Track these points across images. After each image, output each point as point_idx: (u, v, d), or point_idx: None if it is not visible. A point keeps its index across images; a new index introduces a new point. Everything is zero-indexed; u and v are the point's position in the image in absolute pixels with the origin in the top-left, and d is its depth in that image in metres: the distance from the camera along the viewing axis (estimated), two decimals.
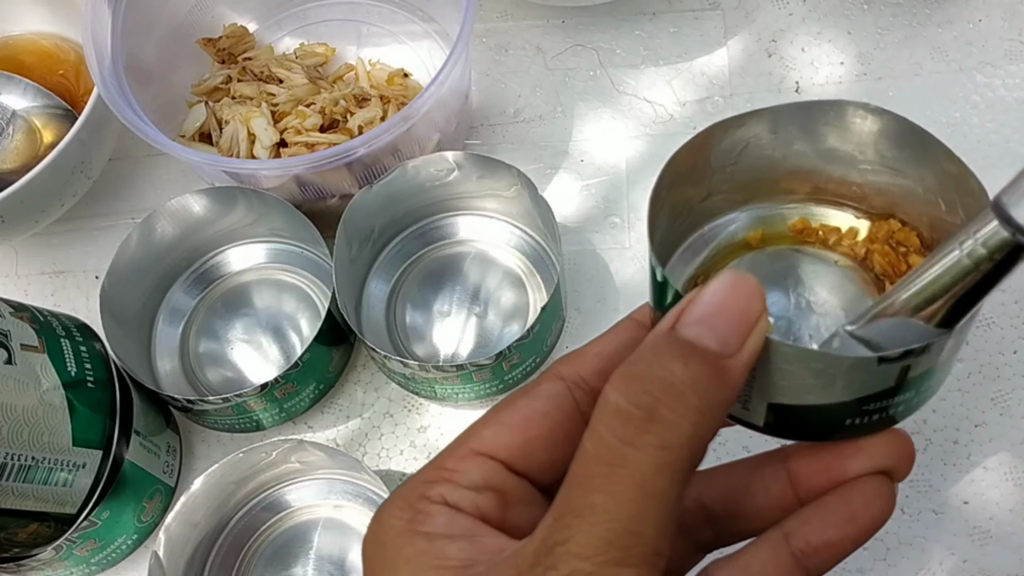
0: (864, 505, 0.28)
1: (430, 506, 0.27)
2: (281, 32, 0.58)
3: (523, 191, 0.47)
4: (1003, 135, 0.52)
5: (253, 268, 0.52)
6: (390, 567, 0.26)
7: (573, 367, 0.29)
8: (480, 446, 0.28)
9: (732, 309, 0.24)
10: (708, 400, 0.24)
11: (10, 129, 0.54)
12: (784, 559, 0.28)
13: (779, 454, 0.30)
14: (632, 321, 0.30)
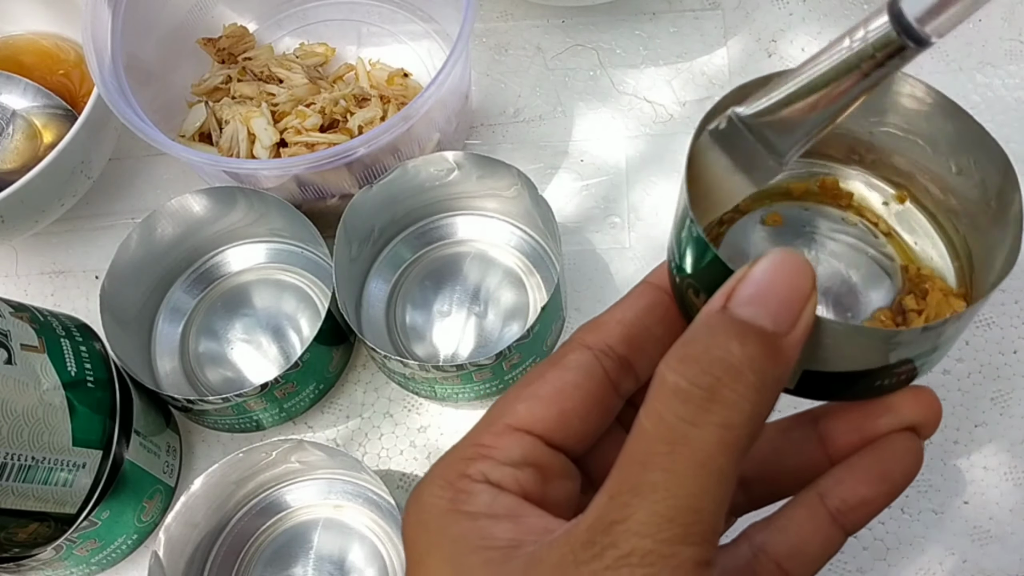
0: (896, 461, 0.28)
1: (472, 484, 0.26)
2: (281, 32, 0.58)
3: (523, 191, 0.47)
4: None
5: (253, 268, 0.52)
6: (435, 548, 0.26)
7: (598, 335, 0.29)
8: (516, 421, 0.27)
9: (783, 288, 0.25)
10: (765, 378, 0.24)
11: (10, 129, 0.54)
12: (822, 519, 0.28)
13: (808, 415, 0.30)
14: (649, 285, 0.30)
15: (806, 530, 0.28)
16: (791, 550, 0.28)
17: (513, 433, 0.27)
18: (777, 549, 0.28)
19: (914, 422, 0.28)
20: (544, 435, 0.28)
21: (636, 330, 0.29)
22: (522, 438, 0.27)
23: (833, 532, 0.28)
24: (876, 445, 0.28)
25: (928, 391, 0.29)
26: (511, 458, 0.27)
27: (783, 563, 0.28)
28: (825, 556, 0.29)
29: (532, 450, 0.27)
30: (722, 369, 0.24)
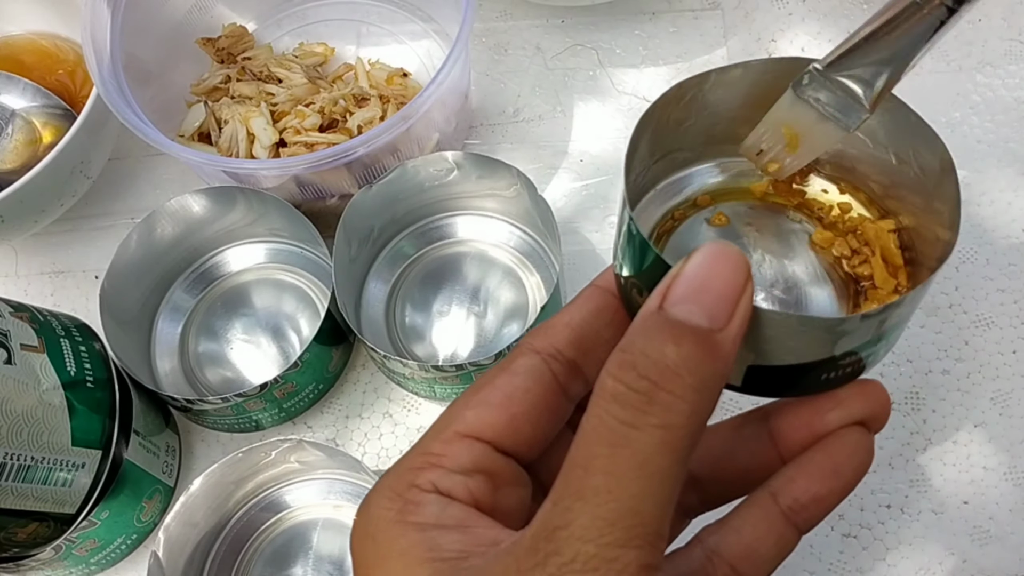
0: (846, 457, 0.28)
1: (420, 495, 0.26)
2: (280, 32, 0.58)
3: (522, 191, 0.47)
4: (1003, 135, 0.52)
5: (253, 268, 0.52)
6: (383, 561, 0.25)
7: (546, 339, 0.29)
8: (465, 428, 0.27)
9: (718, 283, 0.24)
10: (704, 377, 0.24)
11: (9, 129, 0.54)
12: (775, 518, 0.28)
13: (758, 413, 0.30)
14: (596, 288, 0.30)
15: (760, 530, 0.28)
16: (745, 551, 0.28)
17: (462, 440, 0.27)
18: (731, 551, 0.28)
19: (863, 416, 0.28)
20: (494, 441, 0.27)
21: (584, 333, 0.29)
22: (472, 445, 0.27)
23: (787, 531, 0.28)
24: (826, 442, 0.28)
25: (876, 384, 0.28)
26: (461, 465, 0.27)
27: (737, 565, 0.28)
28: (779, 556, 0.28)
29: (482, 457, 0.27)
30: (658, 372, 0.23)
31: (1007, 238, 0.49)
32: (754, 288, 0.25)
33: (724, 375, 0.24)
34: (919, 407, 0.46)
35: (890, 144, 0.31)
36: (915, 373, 0.47)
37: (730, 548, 0.28)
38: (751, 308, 0.25)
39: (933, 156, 0.29)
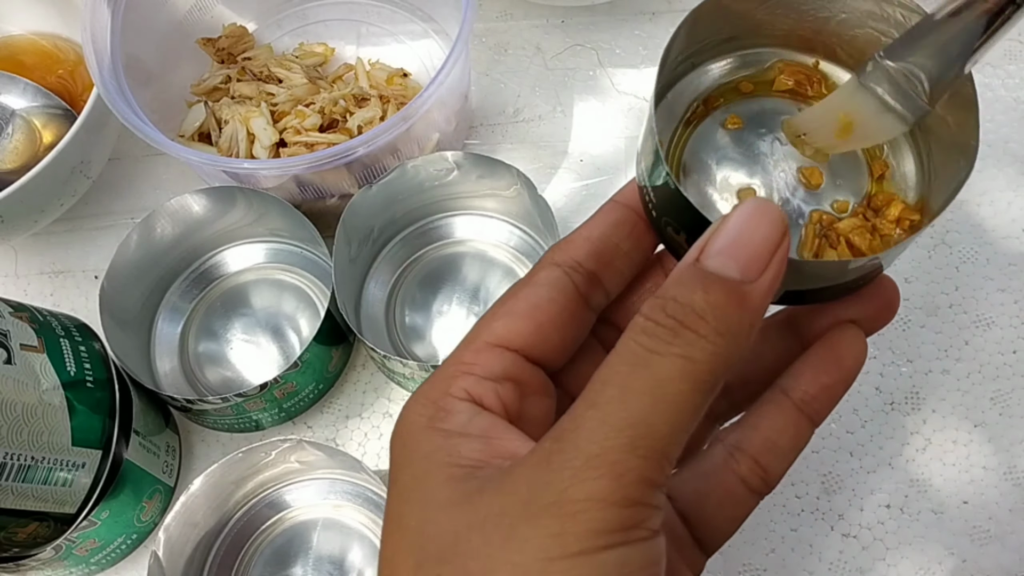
0: (846, 348, 0.30)
1: (453, 402, 0.27)
2: (280, 32, 0.58)
3: (522, 191, 0.47)
4: (1002, 135, 0.52)
5: (252, 268, 0.52)
6: (408, 464, 0.27)
7: (566, 253, 0.30)
8: (495, 338, 0.28)
9: (755, 238, 0.26)
10: (729, 324, 0.25)
11: (9, 129, 0.54)
12: (789, 411, 0.30)
13: (785, 318, 0.32)
14: (616, 204, 0.31)
15: (777, 424, 0.30)
16: (764, 444, 0.30)
17: (492, 349, 0.28)
18: (751, 445, 0.30)
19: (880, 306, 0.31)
20: (522, 349, 0.29)
21: (603, 246, 0.30)
22: (502, 354, 0.28)
23: (802, 423, 0.30)
24: (825, 338, 0.30)
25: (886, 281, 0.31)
26: (492, 372, 0.28)
27: (759, 458, 0.29)
28: (796, 448, 0.30)
29: (511, 365, 0.28)
30: (684, 314, 0.25)
31: (1007, 238, 0.49)
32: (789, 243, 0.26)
33: (752, 324, 0.25)
34: (919, 407, 0.46)
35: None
36: (915, 373, 0.47)
37: (750, 443, 0.30)
38: (785, 262, 0.26)
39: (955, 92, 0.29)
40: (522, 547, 0.23)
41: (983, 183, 0.50)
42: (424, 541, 0.25)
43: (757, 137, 0.33)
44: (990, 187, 0.50)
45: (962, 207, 0.50)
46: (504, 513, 0.24)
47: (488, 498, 0.25)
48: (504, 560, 0.23)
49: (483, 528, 0.24)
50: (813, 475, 0.45)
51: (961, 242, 0.49)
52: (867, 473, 0.45)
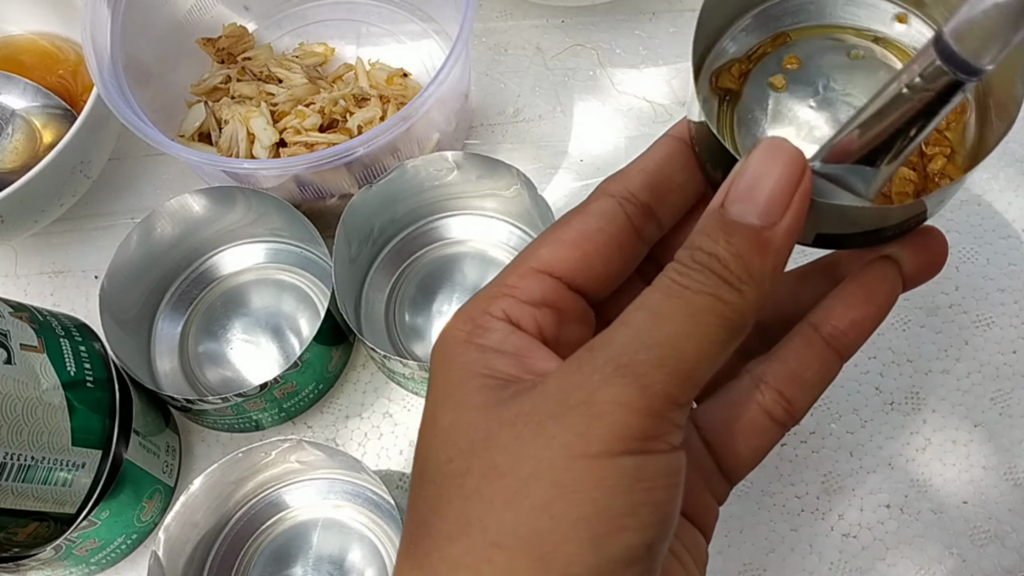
0: (878, 283, 0.30)
1: (491, 321, 0.28)
2: (280, 32, 0.58)
3: (523, 191, 0.47)
4: None
5: (252, 268, 0.52)
6: (444, 371, 0.28)
7: (621, 184, 0.30)
8: (539, 264, 0.29)
9: (771, 181, 0.26)
10: (753, 272, 0.26)
11: (9, 129, 0.54)
12: (818, 345, 0.30)
13: (825, 261, 0.33)
14: (670, 138, 0.31)
15: (805, 357, 0.30)
16: (790, 376, 0.30)
17: (536, 275, 0.29)
18: (776, 377, 0.30)
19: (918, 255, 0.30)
20: (565, 277, 0.29)
21: (658, 178, 0.31)
22: (544, 279, 0.29)
23: (829, 357, 0.30)
24: (858, 273, 0.30)
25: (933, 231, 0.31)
26: (532, 297, 0.29)
27: (783, 389, 0.30)
28: (823, 382, 0.30)
29: (552, 291, 0.29)
30: (710, 261, 0.26)
31: (1007, 238, 0.49)
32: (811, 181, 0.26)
33: (776, 267, 0.26)
34: (919, 407, 0.46)
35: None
36: (915, 373, 0.47)
37: (776, 374, 0.30)
38: (807, 201, 0.26)
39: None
40: (548, 443, 0.24)
41: (983, 183, 0.50)
42: (456, 438, 0.26)
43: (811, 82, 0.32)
44: (990, 187, 0.50)
45: (962, 207, 0.50)
46: (534, 411, 0.25)
47: (521, 400, 0.26)
48: (530, 455, 0.25)
49: (513, 425, 0.25)
50: (813, 475, 0.45)
51: (961, 242, 0.49)
52: (867, 473, 0.45)
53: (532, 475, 0.24)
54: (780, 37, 0.33)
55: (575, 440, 0.24)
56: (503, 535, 0.24)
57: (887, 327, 0.47)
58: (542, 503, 0.24)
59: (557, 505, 0.24)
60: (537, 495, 0.24)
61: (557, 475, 0.24)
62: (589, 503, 0.24)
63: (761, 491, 0.45)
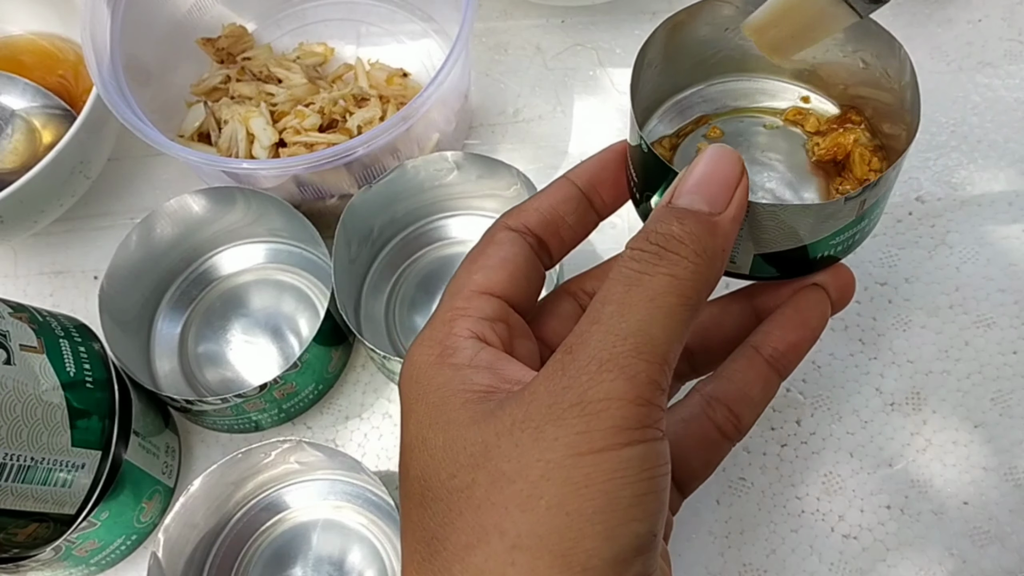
0: (811, 309, 0.34)
1: (458, 340, 0.30)
2: (280, 32, 0.58)
3: (523, 191, 0.47)
4: (1003, 135, 0.52)
5: (252, 268, 0.52)
6: (422, 397, 0.29)
7: (518, 219, 0.34)
8: (478, 287, 0.32)
9: (717, 176, 0.29)
10: (705, 248, 0.28)
11: (9, 129, 0.54)
12: (760, 366, 0.33)
13: (744, 292, 0.36)
14: (566, 180, 0.35)
15: (749, 377, 0.33)
16: (738, 395, 0.33)
17: (480, 296, 0.31)
18: (726, 395, 0.33)
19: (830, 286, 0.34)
20: (503, 295, 0.32)
21: (551, 217, 0.34)
22: (488, 299, 0.31)
23: (771, 376, 0.33)
24: (792, 300, 0.34)
25: (843, 266, 0.34)
26: (485, 314, 0.31)
27: (732, 406, 0.33)
28: (766, 399, 0.34)
29: (499, 308, 0.31)
30: (665, 240, 0.28)
31: (1007, 238, 0.49)
32: (748, 179, 0.30)
33: (724, 249, 0.29)
34: (919, 407, 0.46)
35: (856, 51, 0.36)
36: (915, 373, 0.47)
37: (725, 393, 0.33)
38: (747, 195, 0.29)
39: (893, 56, 0.34)
40: (552, 445, 0.26)
41: (983, 183, 0.50)
42: (454, 454, 0.27)
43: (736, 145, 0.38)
44: (990, 187, 0.50)
45: (962, 207, 0.50)
46: (529, 418, 0.26)
47: (511, 409, 0.27)
48: (535, 458, 0.26)
49: (511, 434, 0.26)
50: (814, 476, 0.45)
51: (961, 242, 0.49)
52: (867, 474, 0.45)
53: (543, 476, 0.25)
54: (702, 119, 0.39)
55: (577, 439, 0.25)
56: (523, 537, 0.25)
57: (887, 328, 0.47)
58: (557, 501, 0.25)
59: (571, 502, 0.25)
60: (551, 494, 0.25)
61: (567, 473, 0.25)
62: (601, 496, 0.25)
63: (761, 492, 0.45)
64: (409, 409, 0.29)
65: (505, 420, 0.27)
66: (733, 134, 0.38)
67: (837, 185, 0.36)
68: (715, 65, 0.39)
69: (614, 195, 0.36)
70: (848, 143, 0.37)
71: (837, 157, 0.37)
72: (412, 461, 0.29)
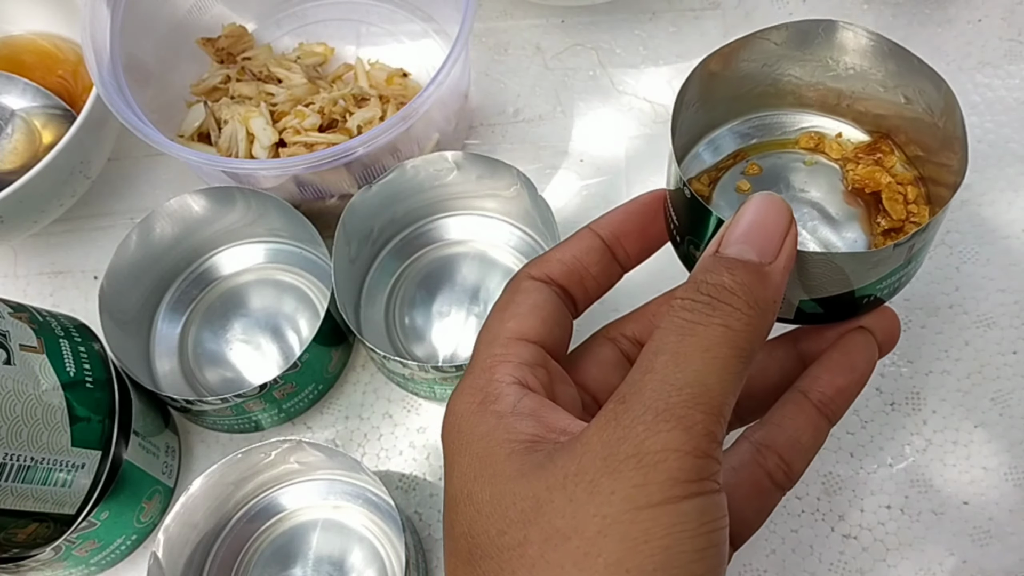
0: (858, 353, 0.33)
1: (500, 387, 0.29)
2: (280, 32, 0.58)
3: (522, 191, 0.47)
4: (1003, 135, 0.52)
5: (252, 268, 0.52)
6: (466, 447, 0.28)
7: (541, 269, 0.34)
8: (514, 333, 0.31)
9: (766, 226, 0.29)
10: (757, 299, 0.27)
11: (9, 129, 0.54)
12: (810, 411, 0.32)
13: (789, 337, 0.35)
14: (590, 231, 0.34)
15: (799, 423, 0.32)
16: (789, 442, 0.32)
17: (517, 342, 0.31)
18: (776, 442, 0.32)
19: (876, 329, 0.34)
20: (538, 341, 0.31)
21: (575, 267, 0.34)
22: (526, 345, 0.31)
23: (821, 422, 0.33)
24: (838, 343, 0.33)
25: (888, 309, 0.34)
26: (525, 359, 0.30)
27: (783, 454, 0.32)
28: (816, 445, 0.33)
29: (536, 354, 0.31)
30: (717, 291, 0.27)
31: (1007, 238, 0.49)
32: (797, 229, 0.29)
33: (776, 300, 0.28)
34: (919, 407, 0.46)
35: (898, 85, 0.35)
36: (916, 373, 0.47)
37: (775, 440, 0.32)
38: (796, 244, 0.29)
39: (938, 93, 0.33)
40: (608, 499, 0.25)
41: (983, 183, 0.50)
42: (503, 509, 0.26)
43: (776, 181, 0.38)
44: (990, 187, 0.50)
45: (962, 207, 0.50)
46: (582, 471, 0.25)
47: (562, 462, 0.26)
48: (592, 513, 0.25)
49: (564, 488, 0.25)
50: (813, 476, 0.45)
51: (962, 242, 0.49)
52: (867, 474, 0.45)
53: (599, 532, 0.24)
54: (740, 154, 0.38)
55: (635, 492, 0.24)
56: None
57: None
58: (616, 559, 0.24)
59: (631, 559, 0.24)
60: (609, 551, 0.24)
61: (625, 529, 0.24)
62: (661, 552, 0.24)
63: None
64: (452, 462, 0.29)
65: (557, 473, 0.26)
66: (771, 170, 0.38)
67: (877, 219, 0.36)
68: (751, 100, 0.38)
69: (638, 247, 0.35)
70: (882, 182, 0.37)
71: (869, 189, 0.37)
72: (457, 517, 0.28)
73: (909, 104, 0.36)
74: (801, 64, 0.37)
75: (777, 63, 0.37)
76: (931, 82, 0.34)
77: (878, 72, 0.36)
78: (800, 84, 0.38)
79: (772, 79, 0.38)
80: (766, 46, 0.36)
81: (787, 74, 0.37)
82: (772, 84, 0.38)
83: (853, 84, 0.37)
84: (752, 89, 0.38)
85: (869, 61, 0.36)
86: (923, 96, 0.35)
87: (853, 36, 0.35)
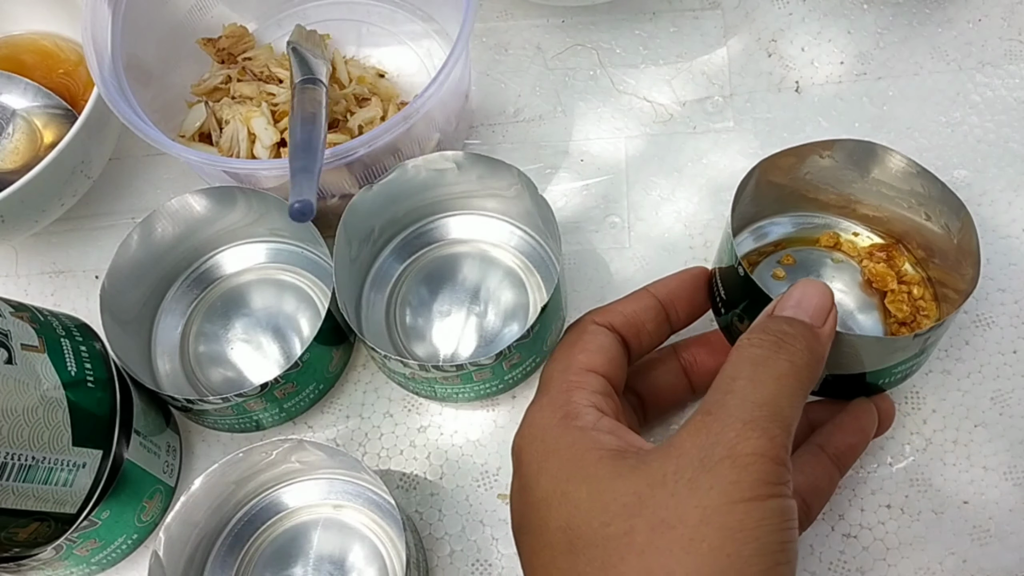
0: (866, 417, 0.40)
1: (579, 407, 0.34)
2: (281, 32, 0.58)
3: (523, 191, 0.47)
4: (1003, 135, 0.52)
5: (253, 268, 0.52)
6: (553, 454, 0.32)
7: (604, 317, 0.39)
8: (585, 365, 0.36)
9: (814, 299, 0.34)
10: (811, 348, 0.33)
11: (10, 129, 0.54)
12: (825, 462, 0.39)
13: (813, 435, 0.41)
14: (648, 292, 0.40)
15: (817, 471, 0.38)
16: (809, 486, 0.37)
17: (587, 373, 0.35)
18: (799, 486, 0.36)
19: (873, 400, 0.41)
20: (606, 375, 0.36)
21: (634, 320, 0.39)
22: (596, 376, 0.35)
23: (834, 472, 0.39)
24: (849, 408, 0.40)
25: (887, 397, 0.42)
26: (596, 388, 0.35)
27: (806, 497, 0.37)
28: (830, 492, 0.39)
29: (605, 385, 0.36)
30: (781, 334, 0.32)
31: (1007, 238, 0.49)
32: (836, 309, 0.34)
33: (823, 356, 0.33)
34: (919, 407, 0.46)
35: (922, 205, 0.42)
36: (916, 373, 0.47)
37: (798, 484, 0.36)
38: (836, 319, 0.34)
39: (957, 217, 0.40)
40: (708, 493, 0.29)
41: (983, 183, 0.50)
42: (604, 504, 0.30)
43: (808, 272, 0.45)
44: (990, 187, 0.50)
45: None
46: (681, 470, 0.29)
47: (658, 464, 0.30)
48: (693, 505, 0.29)
49: (664, 484, 0.29)
50: None
51: None
52: (867, 473, 0.45)
53: (702, 521, 0.28)
54: (780, 244, 0.46)
55: (730, 487, 0.29)
56: None
57: None
58: (718, 544, 0.28)
59: (730, 545, 0.28)
60: (712, 538, 0.28)
61: (723, 519, 0.28)
62: (754, 541, 0.28)
63: None
64: (539, 467, 0.32)
65: (655, 473, 0.30)
66: (804, 262, 0.46)
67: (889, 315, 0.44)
68: (793, 200, 0.46)
69: (688, 311, 0.41)
70: (890, 285, 0.44)
71: (879, 287, 0.44)
72: (551, 513, 0.31)
73: (929, 221, 0.42)
74: (841, 175, 0.44)
75: (819, 172, 0.44)
76: (952, 206, 0.40)
77: (904, 188, 0.42)
78: (836, 192, 0.45)
79: (814, 185, 0.45)
80: (815, 159, 0.43)
81: (826, 182, 0.44)
82: (813, 188, 0.45)
83: (881, 198, 0.44)
84: (796, 191, 0.45)
85: (899, 181, 0.42)
86: (943, 216, 0.41)
87: (890, 158, 0.42)
